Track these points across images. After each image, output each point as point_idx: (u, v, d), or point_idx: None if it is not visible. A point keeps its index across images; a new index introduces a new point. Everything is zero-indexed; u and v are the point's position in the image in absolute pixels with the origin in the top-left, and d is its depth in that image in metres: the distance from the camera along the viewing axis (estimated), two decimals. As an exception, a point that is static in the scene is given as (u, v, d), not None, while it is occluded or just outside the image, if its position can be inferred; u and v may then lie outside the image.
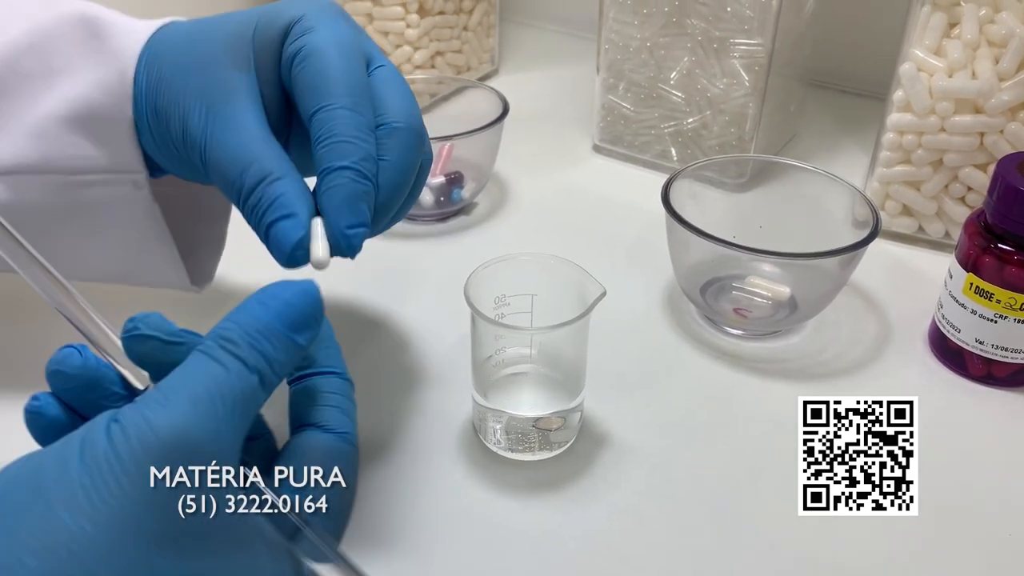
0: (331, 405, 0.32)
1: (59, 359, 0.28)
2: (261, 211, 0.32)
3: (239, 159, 0.33)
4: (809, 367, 0.47)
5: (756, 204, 0.54)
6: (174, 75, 0.36)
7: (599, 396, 0.44)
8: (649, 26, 0.61)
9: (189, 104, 0.35)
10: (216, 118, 0.34)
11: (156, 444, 0.24)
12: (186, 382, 0.26)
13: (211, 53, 0.36)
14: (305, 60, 0.34)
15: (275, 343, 0.27)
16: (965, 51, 0.51)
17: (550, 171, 0.67)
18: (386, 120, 0.35)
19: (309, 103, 0.34)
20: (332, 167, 0.32)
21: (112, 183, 0.38)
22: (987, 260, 0.43)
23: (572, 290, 0.39)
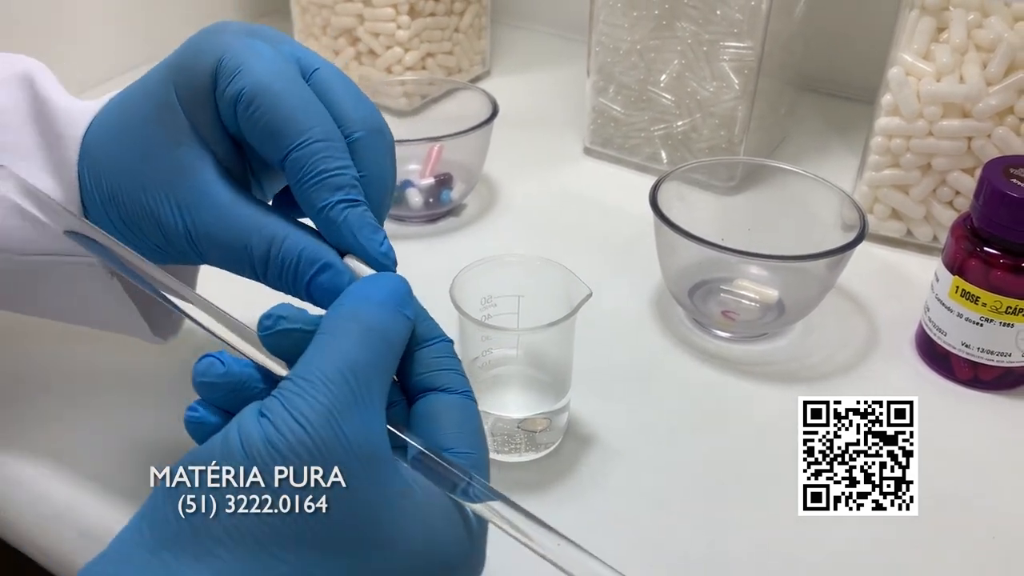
0: (444, 368, 0.31)
1: (202, 370, 0.29)
2: (290, 274, 0.32)
3: (235, 237, 0.32)
4: (797, 370, 0.47)
5: (745, 207, 0.54)
6: (120, 180, 0.34)
7: (586, 398, 0.44)
8: (639, 29, 0.61)
9: (153, 205, 0.33)
10: (188, 207, 0.33)
11: (304, 434, 0.25)
12: (319, 364, 0.27)
13: (146, 141, 0.34)
14: (251, 104, 0.32)
15: (390, 316, 0.29)
16: (953, 55, 0.52)
17: (540, 173, 0.67)
18: (348, 131, 0.33)
19: (275, 147, 0.32)
20: (330, 203, 0.32)
21: (66, 263, 0.36)
22: (973, 264, 0.43)
23: (559, 291, 0.39)
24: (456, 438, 0.29)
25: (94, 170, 0.35)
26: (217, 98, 0.33)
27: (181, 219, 0.33)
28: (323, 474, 0.25)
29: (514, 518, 0.28)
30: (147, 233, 0.34)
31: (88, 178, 0.35)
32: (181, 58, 0.33)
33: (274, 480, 0.25)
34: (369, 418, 0.27)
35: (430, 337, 0.32)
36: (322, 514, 0.25)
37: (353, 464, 0.26)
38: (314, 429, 0.25)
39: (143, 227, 0.34)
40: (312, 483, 0.25)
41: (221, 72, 0.32)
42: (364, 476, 0.26)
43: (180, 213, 0.33)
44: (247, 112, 0.32)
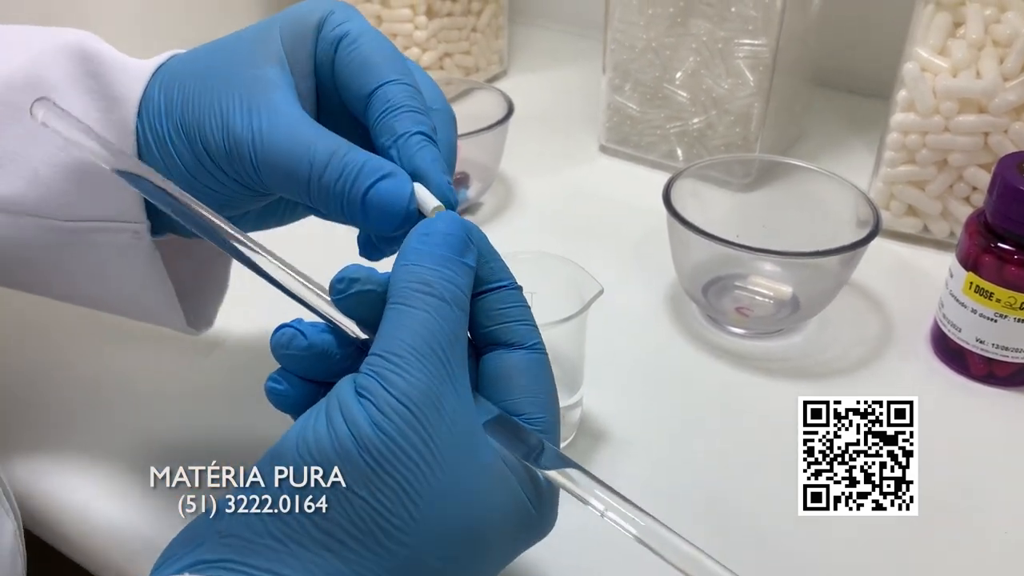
0: (513, 320, 0.30)
1: (284, 343, 0.29)
2: (348, 182, 0.31)
3: (301, 143, 0.32)
4: (811, 366, 0.48)
5: (760, 204, 0.54)
6: (198, 87, 0.34)
7: (600, 394, 0.44)
8: (654, 27, 0.61)
9: (227, 105, 0.33)
10: (263, 111, 0.32)
11: (410, 416, 0.25)
12: (405, 338, 0.27)
13: (238, 56, 0.34)
14: (355, 43, 0.34)
15: (454, 269, 0.29)
16: (969, 51, 0.51)
17: (556, 171, 0.67)
18: (428, 103, 0.35)
19: (368, 79, 0.33)
20: (411, 132, 0.32)
21: (111, 231, 0.36)
22: (987, 259, 0.43)
23: (571, 288, 0.40)
24: (528, 402, 0.29)
25: (171, 81, 0.34)
26: (320, 40, 0.34)
27: (250, 123, 0.32)
28: (430, 452, 0.25)
29: (584, 483, 0.28)
30: (209, 139, 0.33)
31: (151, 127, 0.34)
32: (290, 10, 0.35)
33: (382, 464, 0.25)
34: (462, 391, 0.27)
35: (494, 280, 0.31)
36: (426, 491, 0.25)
37: (455, 440, 0.26)
38: (418, 408, 0.26)
39: (207, 131, 0.33)
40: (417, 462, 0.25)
41: (329, 20, 0.34)
42: (464, 450, 0.26)
43: (251, 117, 0.32)
44: (347, 49, 0.33)
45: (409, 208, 0.31)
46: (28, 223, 0.36)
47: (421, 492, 0.25)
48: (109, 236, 0.36)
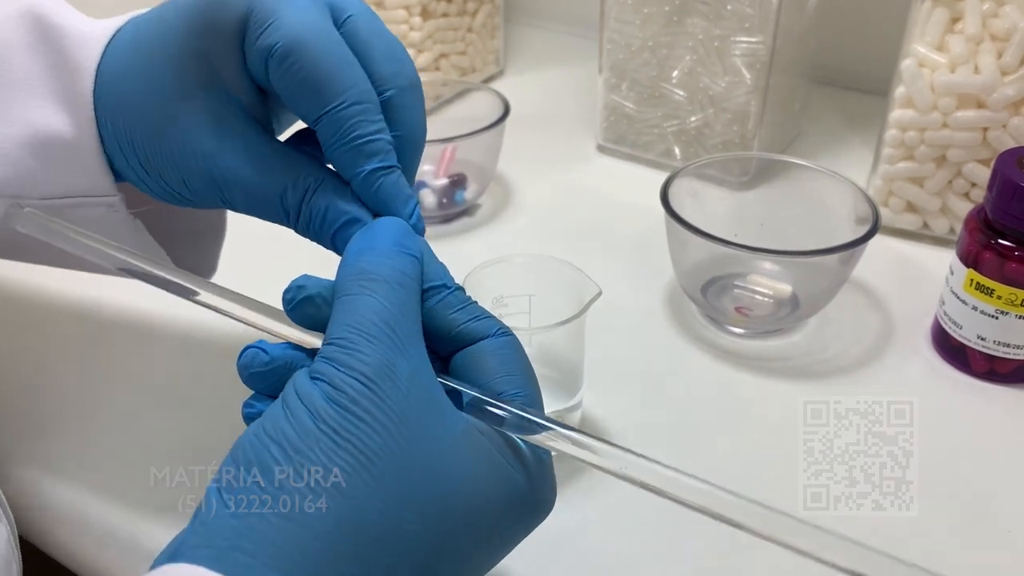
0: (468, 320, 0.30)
1: (247, 363, 0.29)
2: (317, 225, 0.32)
3: (267, 186, 0.32)
4: (811, 365, 0.47)
5: (758, 202, 0.54)
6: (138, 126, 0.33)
7: (601, 395, 0.44)
8: (650, 25, 0.61)
9: (176, 155, 0.33)
10: (216, 157, 0.32)
11: (363, 388, 0.25)
12: (350, 322, 0.27)
13: (166, 89, 0.32)
14: (284, 61, 0.30)
15: (395, 257, 0.29)
16: (968, 46, 0.51)
17: (554, 171, 0.67)
18: (380, 88, 0.32)
19: (309, 107, 0.31)
20: (364, 171, 0.31)
21: (85, 206, 0.35)
22: (987, 256, 0.43)
23: (569, 290, 0.40)
24: (503, 382, 0.29)
25: (110, 109, 0.33)
26: (246, 49, 0.31)
27: (207, 169, 0.32)
28: (386, 415, 0.25)
29: (576, 440, 0.28)
30: (168, 180, 0.33)
31: (104, 116, 0.33)
32: (206, 5, 0.32)
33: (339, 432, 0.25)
34: (417, 363, 0.27)
35: (437, 283, 0.30)
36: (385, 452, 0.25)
37: (413, 404, 0.26)
38: (371, 380, 0.25)
39: (164, 174, 0.33)
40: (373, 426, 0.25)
41: (252, 21, 0.31)
42: (425, 414, 0.26)
43: (206, 162, 0.32)
44: (279, 68, 0.31)
45: None
46: (3, 204, 0.34)
47: (380, 453, 0.25)
48: (84, 211, 0.35)
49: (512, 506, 0.28)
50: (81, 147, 0.34)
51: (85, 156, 0.34)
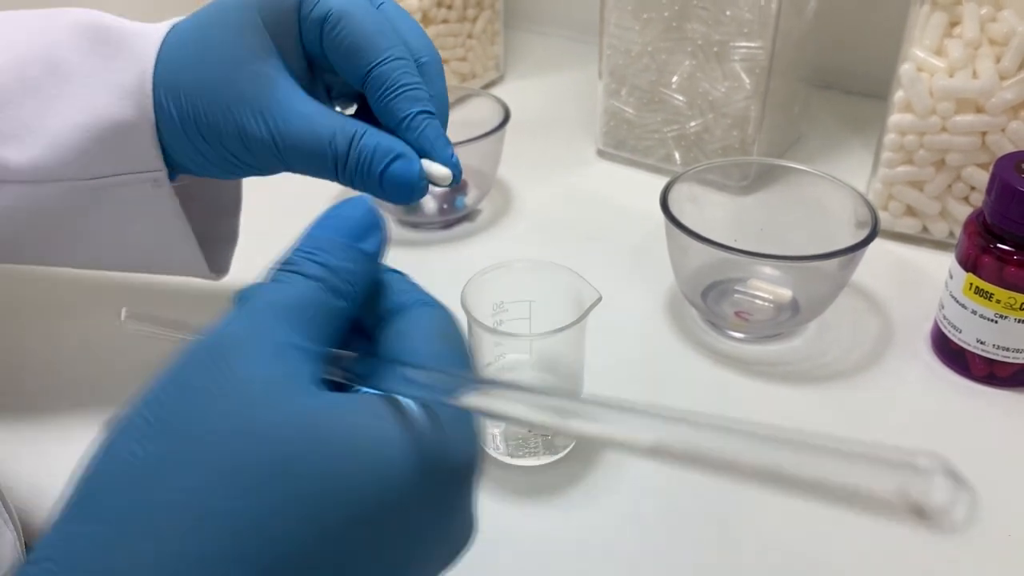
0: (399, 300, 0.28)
1: None
2: (366, 164, 0.35)
3: (318, 137, 0.35)
4: (811, 369, 0.47)
5: (758, 206, 0.54)
6: (203, 98, 0.36)
7: (600, 400, 0.44)
8: (650, 31, 0.61)
9: (238, 119, 0.36)
10: (273, 115, 0.36)
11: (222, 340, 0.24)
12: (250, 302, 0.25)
13: (231, 53, 0.36)
14: (338, 25, 0.35)
15: (337, 253, 0.27)
16: (966, 50, 0.51)
17: (554, 176, 0.67)
18: (415, 56, 0.37)
19: (359, 63, 0.35)
20: (413, 112, 0.35)
21: (131, 183, 0.39)
22: (986, 260, 0.43)
23: (569, 295, 0.40)
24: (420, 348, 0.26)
25: (173, 91, 0.37)
26: (302, 20, 0.36)
27: (267, 128, 0.36)
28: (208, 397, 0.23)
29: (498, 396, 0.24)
30: (229, 146, 0.37)
31: (165, 98, 0.37)
32: None
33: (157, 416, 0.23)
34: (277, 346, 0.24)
35: None
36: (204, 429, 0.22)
37: (244, 395, 0.22)
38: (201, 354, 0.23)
39: (226, 140, 0.37)
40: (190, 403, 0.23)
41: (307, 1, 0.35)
42: (264, 401, 0.23)
43: (266, 122, 0.36)
44: (333, 32, 0.35)
45: (420, 183, 0.35)
46: (50, 189, 0.38)
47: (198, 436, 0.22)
48: (130, 189, 0.39)
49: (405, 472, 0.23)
50: (138, 128, 0.37)
51: (140, 137, 0.37)
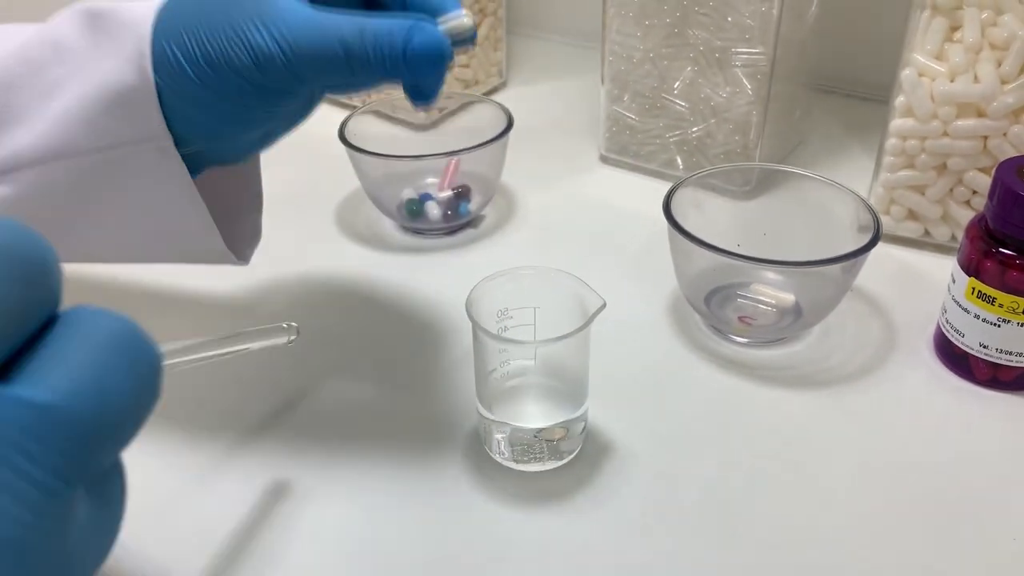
0: None
1: None
2: (385, 50, 0.34)
3: (325, 36, 0.35)
4: (814, 374, 0.48)
5: (761, 211, 0.54)
6: (206, 27, 0.36)
7: (605, 406, 0.44)
8: (652, 37, 0.62)
9: (245, 35, 0.35)
10: (277, 25, 0.35)
11: None
12: None
13: None
14: None
15: None
16: (967, 55, 0.51)
17: (557, 182, 0.67)
18: None
19: None
20: None
21: (137, 153, 0.38)
22: (989, 264, 0.43)
23: (573, 302, 0.40)
24: None
25: (175, 35, 0.36)
26: None
27: (273, 38, 0.35)
28: None
29: None
30: (239, 68, 0.36)
31: (168, 45, 0.36)
32: None
33: None
34: None
35: None
36: None
37: None
38: None
39: (236, 62, 0.36)
40: None
41: None
42: None
43: (271, 32, 0.35)
44: None
45: (445, 45, 0.35)
46: (58, 168, 0.38)
47: None
48: (136, 158, 0.38)
49: None
50: (139, 93, 0.37)
51: (142, 102, 0.37)
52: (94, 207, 0.40)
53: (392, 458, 0.43)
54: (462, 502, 0.40)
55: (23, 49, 0.38)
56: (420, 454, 0.43)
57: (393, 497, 0.40)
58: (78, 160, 0.38)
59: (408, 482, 0.41)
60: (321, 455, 0.43)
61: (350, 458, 0.43)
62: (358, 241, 0.60)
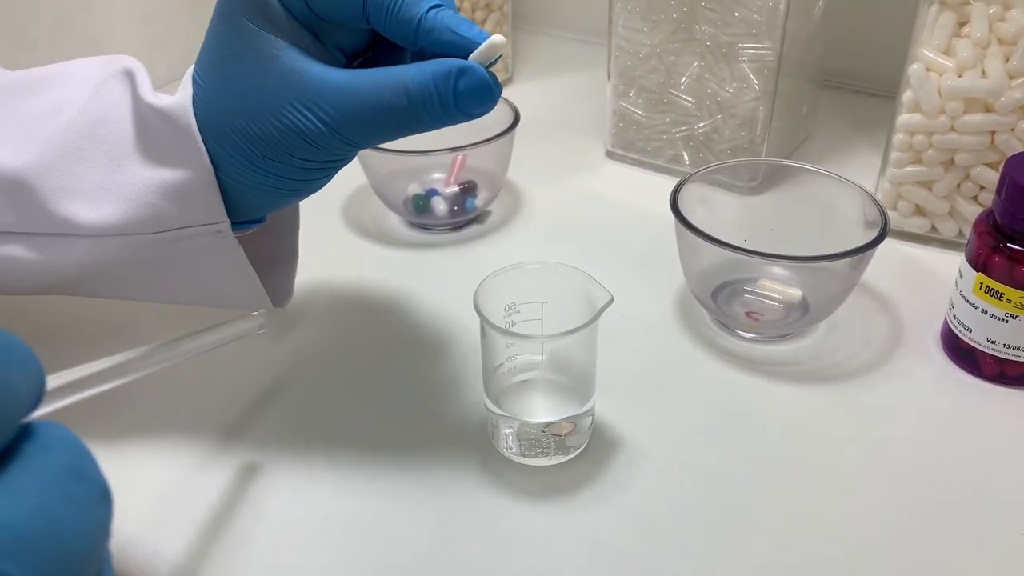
0: None
1: None
2: (435, 102, 0.34)
3: (375, 102, 0.35)
4: (821, 369, 0.48)
5: (767, 207, 0.54)
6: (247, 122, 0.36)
7: (613, 401, 0.44)
8: (658, 32, 0.62)
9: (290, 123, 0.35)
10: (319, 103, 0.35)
11: None
12: None
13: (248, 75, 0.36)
14: None
15: None
16: (975, 50, 0.51)
17: (564, 177, 0.67)
18: None
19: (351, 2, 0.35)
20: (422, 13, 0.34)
21: (196, 235, 0.39)
22: (997, 260, 0.43)
23: (581, 297, 0.40)
24: None
25: (221, 132, 0.37)
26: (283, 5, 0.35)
27: (322, 120, 0.35)
28: None
29: None
30: (295, 151, 0.36)
31: (218, 145, 0.37)
32: None
33: None
34: None
35: None
36: None
37: None
38: None
39: (293, 152, 0.36)
40: None
41: None
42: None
43: (317, 115, 0.35)
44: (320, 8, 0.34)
45: (489, 80, 0.35)
46: (115, 242, 0.39)
47: None
48: (194, 241, 0.39)
49: None
50: (199, 182, 0.38)
51: (203, 191, 0.38)
52: (146, 275, 0.41)
53: (400, 453, 0.43)
54: (469, 496, 0.40)
55: (85, 120, 0.39)
56: (427, 449, 0.43)
57: (401, 491, 0.41)
58: (137, 238, 0.39)
59: (416, 477, 0.41)
60: (328, 450, 0.43)
61: (357, 453, 0.43)
62: (365, 236, 0.60)
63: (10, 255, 0.40)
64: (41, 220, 0.39)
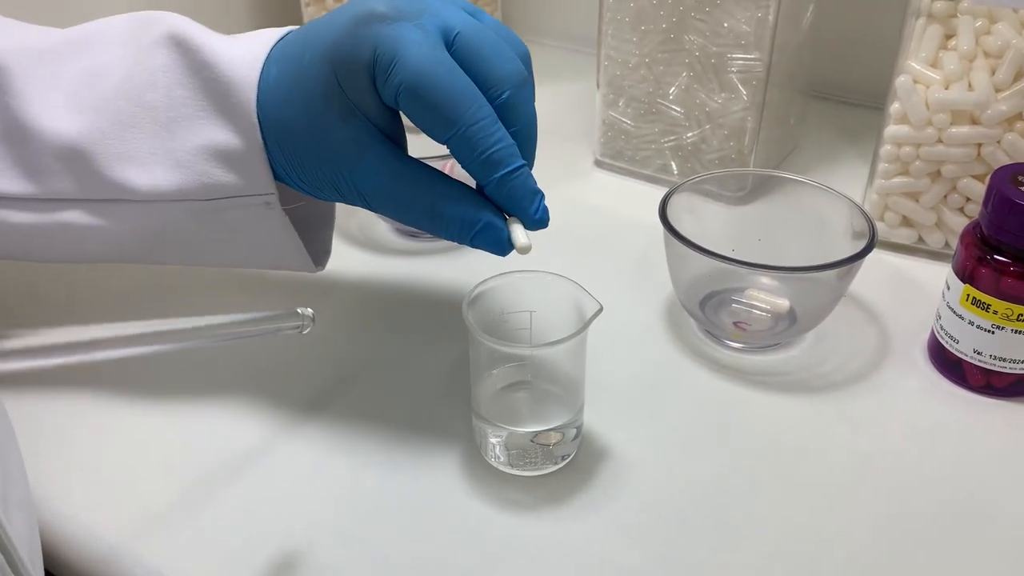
0: None
1: None
2: (452, 235, 0.38)
3: (406, 206, 0.39)
4: (809, 379, 0.48)
5: (755, 217, 0.54)
6: (300, 150, 0.39)
7: (600, 410, 0.44)
8: (647, 42, 0.62)
9: (331, 176, 0.39)
10: (363, 178, 0.38)
11: None
12: None
13: (317, 120, 0.38)
14: (411, 97, 0.36)
15: None
16: (961, 62, 0.52)
17: (552, 186, 0.66)
18: (496, 92, 0.37)
19: (437, 132, 0.37)
20: (494, 179, 0.37)
21: (245, 205, 0.41)
22: (983, 271, 0.43)
23: (570, 306, 0.40)
24: None
25: (272, 130, 0.39)
26: (378, 87, 0.37)
27: (357, 191, 0.39)
28: None
29: None
30: (326, 191, 0.40)
31: (268, 132, 0.39)
32: (338, 52, 0.37)
33: None
34: None
35: None
36: None
37: None
38: None
39: (323, 188, 0.40)
40: None
41: (378, 67, 0.36)
42: None
43: (355, 184, 0.39)
44: (407, 104, 0.36)
45: (507, 248, 0.38)
46: (168, 207, 0.41)
47: None
48: (243, 210, 0.41)
49: None
50: (250, 154, 0.39)
51: (252, 163, 0.40)
52: (195, 241, 0.43)
53: (387, 461, 0.42)
54: (457, 506, 0.40)
55: (139, 90, 0.40)
56: (415, 458, 0.43)
57: (387, 500, 0.40)
58: (187, 204, 0.41)
59: (403, 486, 0.41)
60: (314, 458, 0.43)
61: (343, 461, 0.42)
62: (353, 244, 0.60)
63: (73, 222, 0.41)
64: (99, 186, 0.40)
